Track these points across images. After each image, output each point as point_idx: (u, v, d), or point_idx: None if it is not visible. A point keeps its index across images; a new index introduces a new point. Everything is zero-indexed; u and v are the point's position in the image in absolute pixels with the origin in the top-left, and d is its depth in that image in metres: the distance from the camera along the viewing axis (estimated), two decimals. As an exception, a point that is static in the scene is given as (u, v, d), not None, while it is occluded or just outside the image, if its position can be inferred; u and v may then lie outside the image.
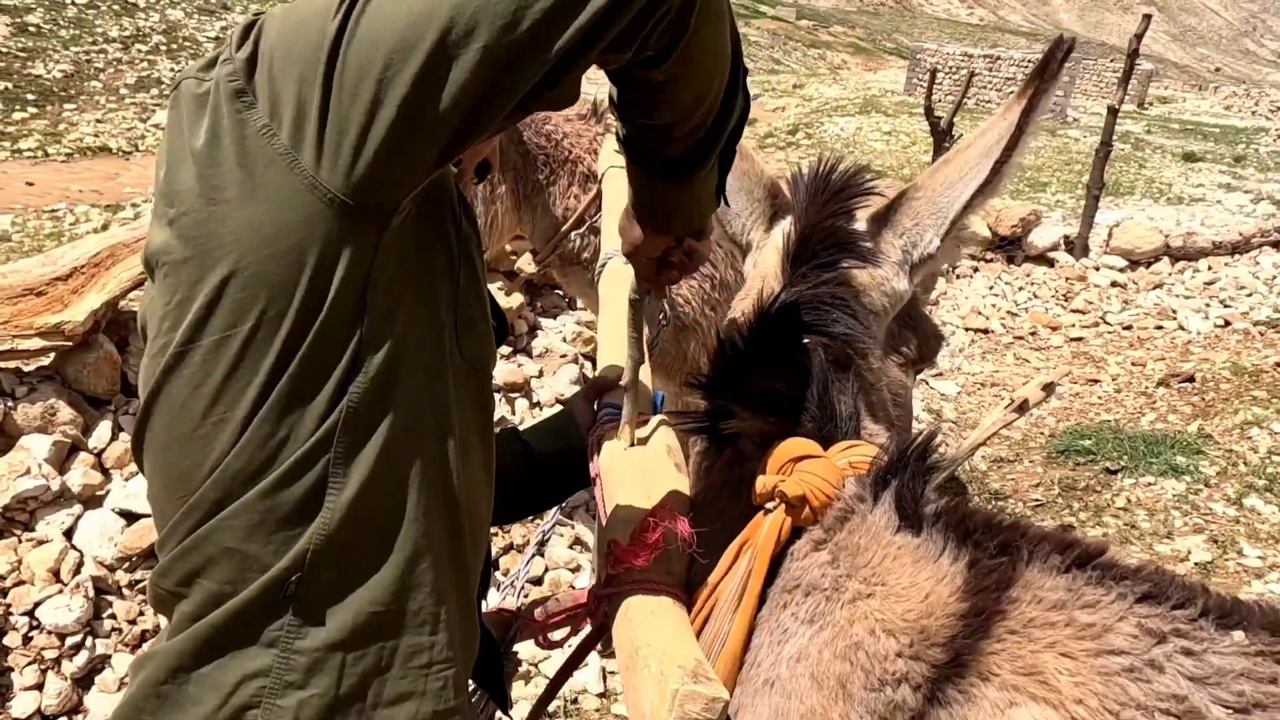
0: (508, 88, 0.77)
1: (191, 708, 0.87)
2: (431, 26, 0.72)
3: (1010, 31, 72.59)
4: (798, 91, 23.90)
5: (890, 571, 0.83)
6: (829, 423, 1.02)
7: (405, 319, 0.88)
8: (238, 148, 0.79)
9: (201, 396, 0.85)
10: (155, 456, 0.91)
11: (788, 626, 0.91)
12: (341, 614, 0.89)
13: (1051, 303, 7.24)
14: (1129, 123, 18.12)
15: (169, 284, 0.85)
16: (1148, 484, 4.43)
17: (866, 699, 0.76)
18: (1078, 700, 0.64)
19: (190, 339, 0.84)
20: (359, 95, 0.75)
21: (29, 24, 16.98)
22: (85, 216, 9.20)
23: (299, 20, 0.80)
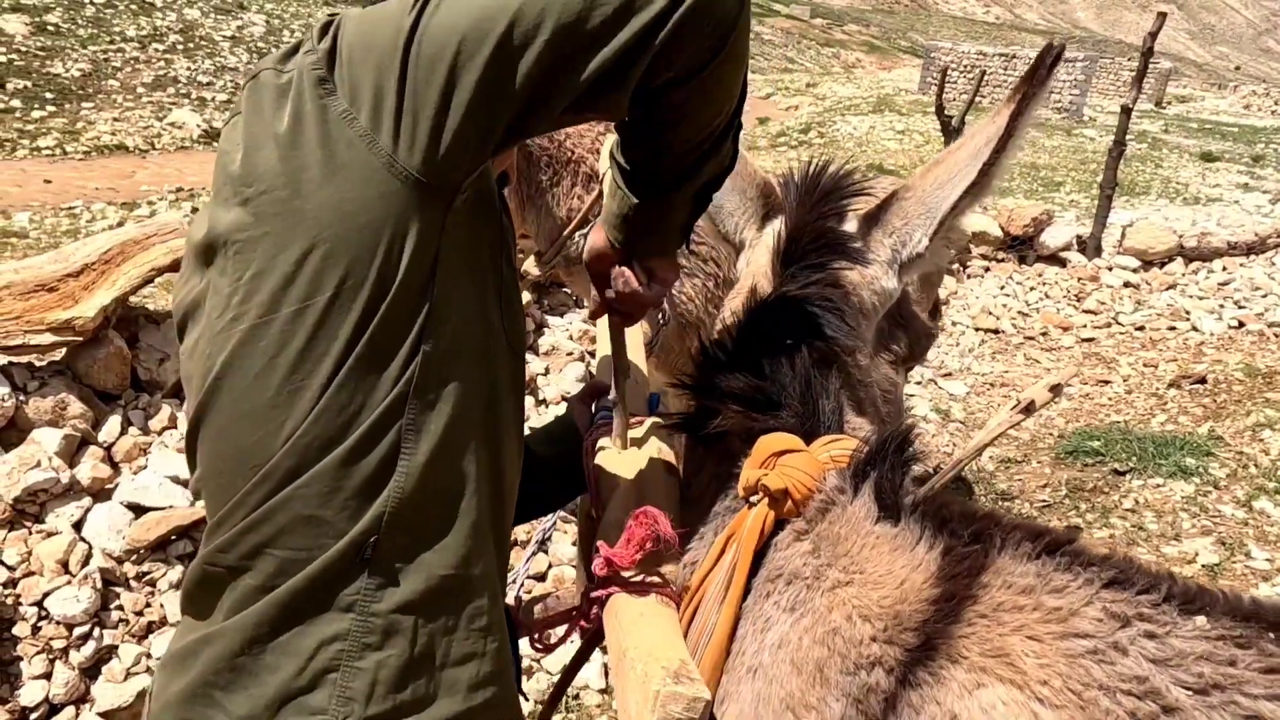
0: (567, 82, 0.84)
1: (269, 676, 0.89)
2: (501, 18, 0.79)
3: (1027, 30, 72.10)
4: (811, 90, 23.86)
5: (868, 560, 0.84)
6: (811, 418, 1.03)
7: (464, 295, 0.94)
8: (320, 131, 0.85)
9: (279, 366, 0.88)
10: (222, 432, 0.92)
11: (770, 615, 0.93)
12: (414, 577, 0.92)
13: (1063, 303, 7.20)
14: (1146, 122, 17.98)
15: (240, 261, 0.89)
16: (1156, 485, 4.40)
17: (842, 682, 0.78)
18: (1042, 681, 0.65)
19: (268, 310, 0.87)
20: (433, 80, 0.82)
21: (48, 23, 17.17)
22: (102, 214, 9.31)
23: (377, 16, 0.87)
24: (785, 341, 1.05)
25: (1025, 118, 1.07)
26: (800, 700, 0.82)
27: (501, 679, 0.99)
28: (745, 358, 1.07)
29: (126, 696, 2.52)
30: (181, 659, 0.96)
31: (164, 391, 3.09)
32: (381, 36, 0.84)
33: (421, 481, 0.92)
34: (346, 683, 0.89)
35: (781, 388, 1.02)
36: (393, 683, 0.90)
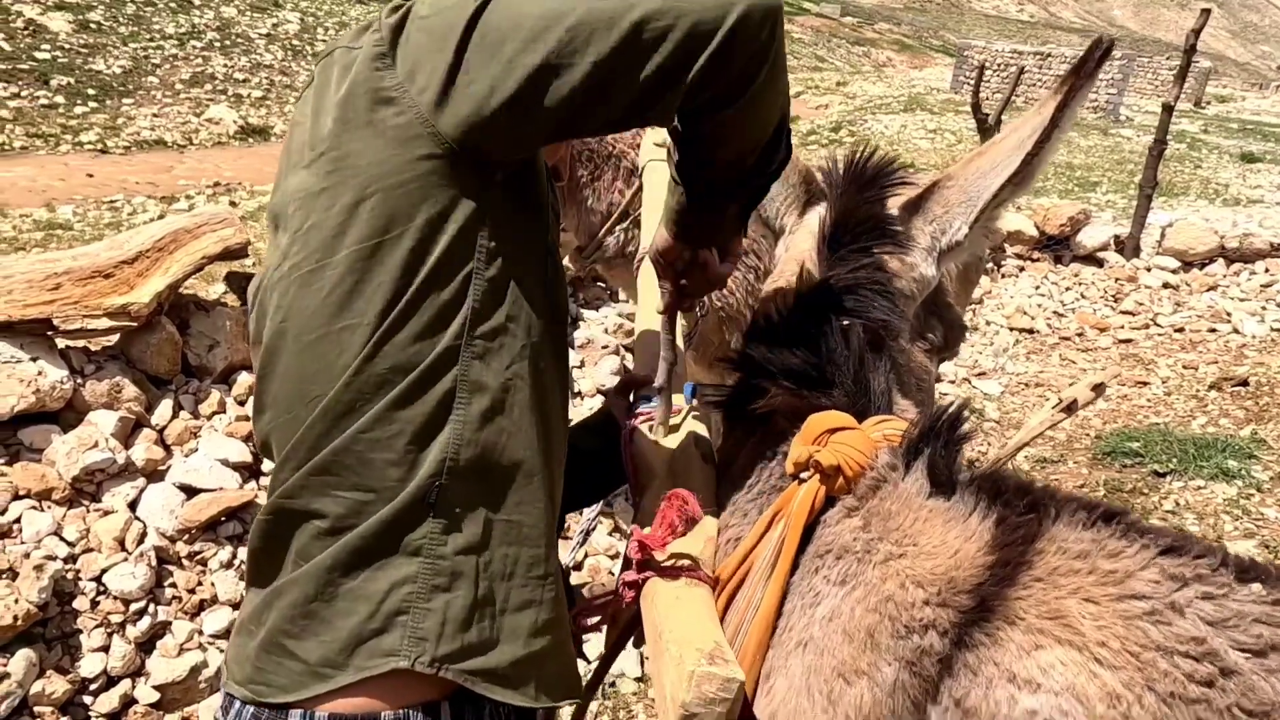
0: (609, 97, 0.89)
1: (341, 621, 0.93)
2: (562, 23, 0.85)
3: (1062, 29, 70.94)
4: (841, 89, 23.69)
5: (921, 533, 0.86)
6: (863, 398, 1.05)
7: (511, 264, 0.99)
8: (370, 98, 0.92)
9: (331, 304, 0.94)
10: (287, 370, 0.98)
11: (820, 589, 0.95)
12: (475, 522, 0.96)
13: (1100, 303, 7.11)
14: (1185, 122, 17.64)
15: (300, 215, 0.97)
16: (1197, 488, 4.35)
17: (894, 646, 0.80)
18: (1100, 643, 0.67)
19: (324, 255, 0.94)
20: (485, 68, 0.87)
21: (90, 21, 17.53)
22: (142, 207, 9.51)
23: (447, 3, 0.92)
24: (838, 321, 1.07)
25: (1071, 110, 1.09)
26: (851, 666, 0.84)
27: (558, 628, 1.02)
28: (796, 336, 1.09)
29: (180, 671, 2.61)
30: (255, 618, 0.99)
31: (213, 377, 3.18)
32: (446, 18, 0.90)
33: (478, 431, 0.96)
34: (417, 624, 0.92)
35: (835, 366, 1.04)
36: (460, 622, 0.94)
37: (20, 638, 2.53)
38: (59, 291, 2.84)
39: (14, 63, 14.82)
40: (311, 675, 0.92)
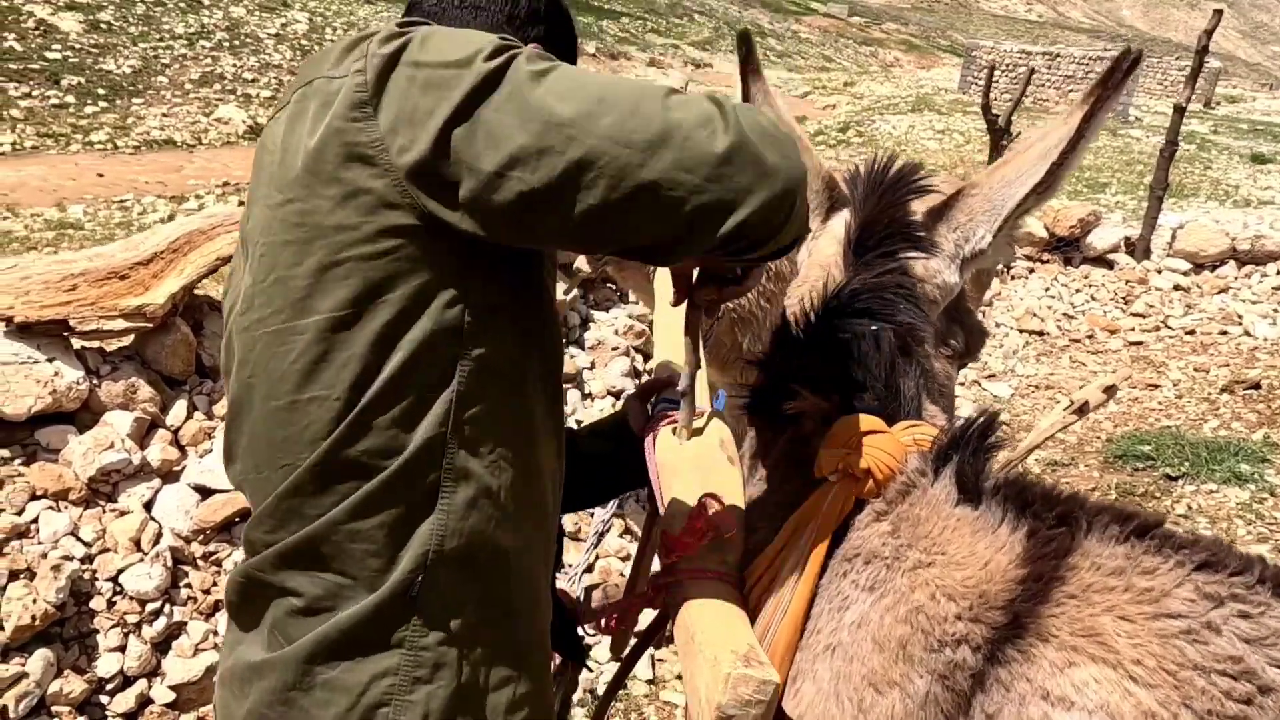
0: (600, 242, 0.85)
1: (319, 711, 0.90)
2: (570, 150, 0.78)
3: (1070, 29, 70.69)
4: (849, 89, 23.67)
5: (950, 541, 0.86)
6: (893, 402, 1.05)
7: (502, 335, 0.93)
8: (344, 152, 0.84)
9: (298, 371, 0.89)
10: (255, 426, 0.94)
11: (848, 594, 0.95)
12: (458, 610, 0.93)
13: (1110, 305, 7.09)
14: (1194, 122, 17.57)
15: (265, 263, 0.91)
16: (1209, 491, 4.33)
17: (927, 659, 0.80)
18: (1136, 660, 0.67)
19: (290, 318, 0.88)
20: (474, 162, 0.80)
21: (101, 21, 17.61)
22: (152, 207, 9.55)
23: (450, 50, 0.83)
24: (869, 325, 1.07)
25: (1097, 121, 1.09)
26: (883, 677, 0.84)
27: (536, 696, 1.00)
28: (825, 340, 1.09)
29: (195, 672, 2.62)
30: (238, 683, 0.97)
31: (226, 379, 3.19)
32: (448, 74, 0.81)
33: (463, 520, 0.92)
34: (397, 716, 0.90)
35: (866, 369, 1.04)
36: (442, 713, 0.91)
37: (38, 638, 2.55)
38: (75, 293, 2.85)
39: (25, 62, 14.90)
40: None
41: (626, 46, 26.15)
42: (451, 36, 0.86)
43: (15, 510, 2.68)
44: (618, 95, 0.79)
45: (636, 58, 25.08)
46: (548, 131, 0.78)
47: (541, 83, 0.80)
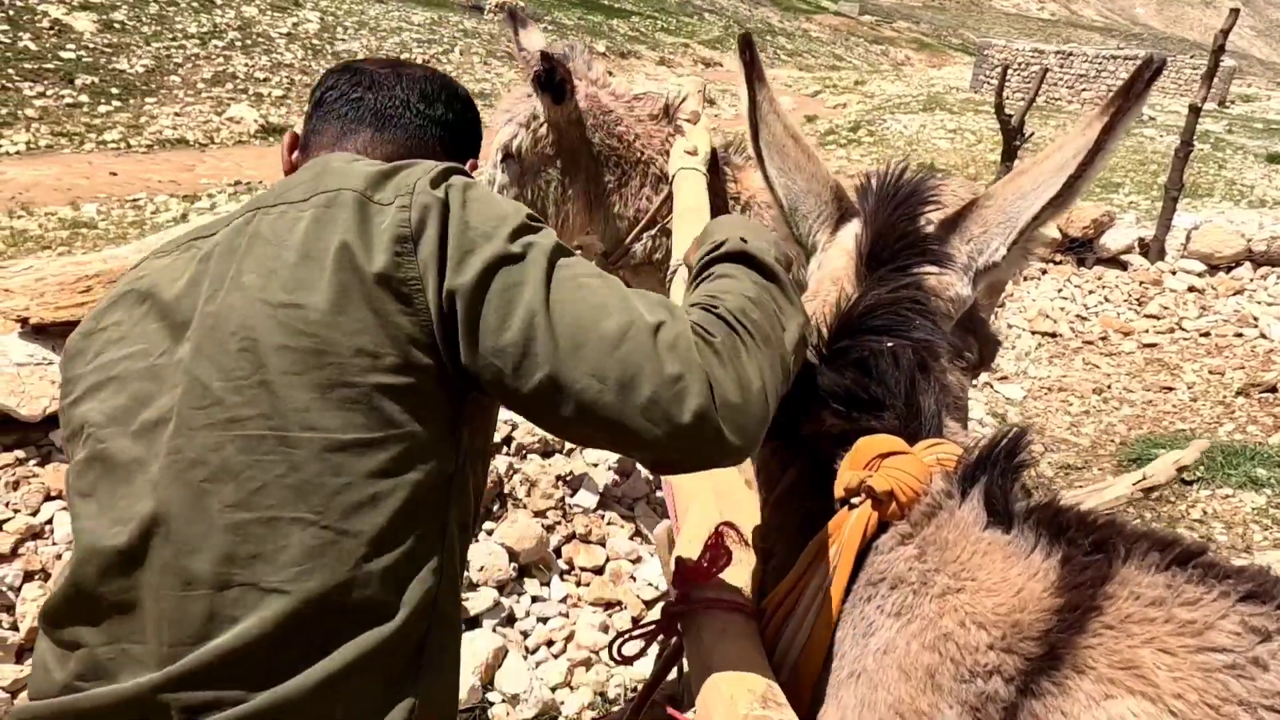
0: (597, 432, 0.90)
1: None
2: (550, 366, 0.86)
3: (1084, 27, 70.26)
4: (859, 88, 23.57)
5: (980, 567, 0.84)
6: (914, 421, 1.03)
7: (469, 479, 1.00)
8: (383, 283, 0.87)
9: (288, 486, 0.84)
10: (200, 535, 0.85)
11: (873, 619, 0.93)
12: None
13: (1124, 307, 7.03)
14: (1209, 122, 17.41)
15: (248, 359, 0.86)
16: (1225, 496, 4.29)
17: (957, 690, 0.78)
18: (1177, 695, 0.65)
19: (280, 427, 0.84)
20: (488, 328, 0.87)
21: (114, 21, 17.70)
22: (164, 206, 9.60)
23: (485, 208, 0.92)
24: (885, 342, 1.05)
25: (1118, 132, 1.06)
26: (910, 706, 0.82)
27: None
28: (842, 357, 1.08)
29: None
30: None
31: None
32: (484, 243, 0.88)
33: (445, 670, 0.96)
34: None
35: (885, 388, 1.02)
36: None
37: (51, 640, 2.55)
38: (89, 294, 2.86)
39: (40, 62, 15.00)
40: None
41: (636, 45, 26.10)
42: (488, 200, 0.94)
43: (30, 511, 2.69)
44: (607, 324, 0.86)
45: (646, 56, 25.03)
46: (533, 340, 0.85)
47: (548, 286, 0.87)
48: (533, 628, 3.34)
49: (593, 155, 2.64)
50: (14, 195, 9.51)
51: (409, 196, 0.89)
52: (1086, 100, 20.78)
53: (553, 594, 3.48)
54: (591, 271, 0.92)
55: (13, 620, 2.54)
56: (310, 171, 0.98)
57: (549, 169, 2.61)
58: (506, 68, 17.46)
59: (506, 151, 2.56)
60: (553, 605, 3.43)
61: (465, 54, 21.67)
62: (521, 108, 2.56)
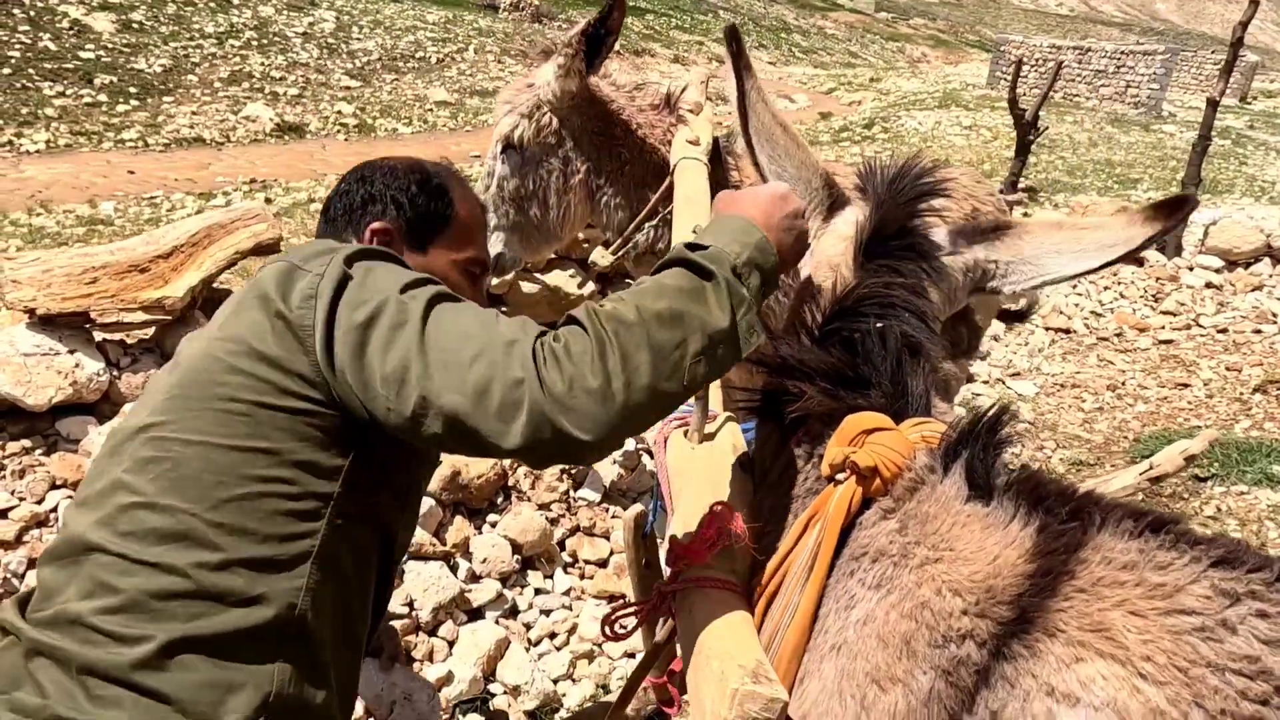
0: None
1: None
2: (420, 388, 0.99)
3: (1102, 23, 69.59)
4: (874, 85, 23.47)
5: (959, 538, 0.84)
6: (900, 399, 1.03)
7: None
8: (278, 323, 1.08)
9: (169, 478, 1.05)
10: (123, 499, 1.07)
11: (855, 593, 0.93)
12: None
13: (1140, 303, 6.96)
14: (1229, 117, 17.21)
15: (178, 375, 1.14)
16: (1240, 493, 4.24)
17: (931, 655, 0.78)
18: (1146, 657, 0.64)
19: (178, 430, 1.08)
20: (385, 361, 1.01)
21: (132, 21, 17.90)
22: (181, 204, 9.70)
23: (389, 278, 1.09)
24: (874, 323, 1.05)
25: (1156, 240, 1.11)
26: (886, 673, 0.82)
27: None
28: (831, 338, 1.07)
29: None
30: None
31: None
32: (366, 297, 1.05)
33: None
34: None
35: (873, 366, 1.02)
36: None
37: (57, 625, 2.58)
38: (96, 285, 2.89)
39: (60, 62, 15.18)
40: None
41: (651, 43, 26.12)
42: (389, 270, 1.11)
43: (35, 499, 2.72)
44: (468, 347, 0.99)
45: (661, 54, 25.04)
46: (408, 368, 0.99)
47: (424, 324, 1.02)
48: (536, 620, 3.34)
49: (595, 145, 2.63)
50: (34, 193, 9.64)
51: (324, 267, 1.08)
52: (1105, 96, 20.58)
53: (556, 586, 3.49)
54: (466, 310, 1.06)
55: (19, 606, 2.56)
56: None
57: (551, 159, 2.60)
58: (520, 66, 17.58)
59: (507, 142, 2.56)
60: (556, 598, 3.44)
61: (479, 52, 21.74)
62: (523, 98, 2.55)
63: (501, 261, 2.69)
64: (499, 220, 2.62)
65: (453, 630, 3.10)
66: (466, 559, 3.29)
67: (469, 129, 15.52)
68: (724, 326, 1.00)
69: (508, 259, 2.69)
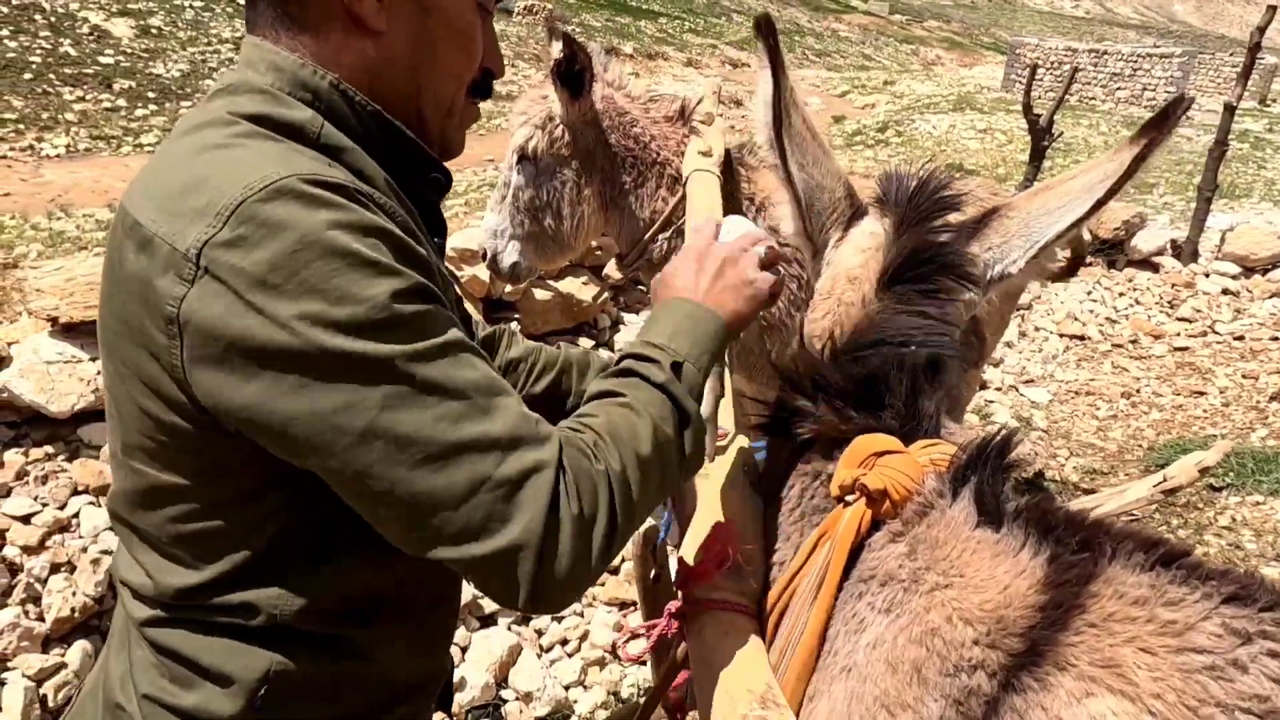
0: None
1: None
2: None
3: (1119, 25, 69.09)
4: (888, 88, 23.37)
5: (969, 564, 0.84)
6: (911, 421, 1.03)
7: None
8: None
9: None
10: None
11: (864, 616, 0.94)
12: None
13: (1155, 310, 6.91)
14: (1248, 120, 17.05)
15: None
16: (1255, 503, 4.20)
17: (941, 683, 0.78)
18: (1155, 695, 0.65)
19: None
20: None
21: (151, 26, 18.07)
22: (198, 208, 9.77)
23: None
24: (894, 345, 1.05)
25: (1148, 162, 1.07)
26: (896, 699, 0.83)
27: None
28: (847, 361, 1.08)
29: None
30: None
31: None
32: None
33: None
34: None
35: (887, 388, 1.02)
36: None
37: (77, 629, 2.62)
38: (117, 294, 2.93)
39: (80, 67, 15.35)
40: None
41: (664, 47, 26.15)
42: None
43: (58, 505, 2.76)
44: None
45: (674, 58, 25.06)
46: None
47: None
48: (547, 626, 3.36)
49: (608, 157, 2.65)
50: (54, 197, 9.74)
51: (189, 263, 0.81)
52: (1121, 99, 20.43)
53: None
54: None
55: (39, 611, 2.60)
56: None
57: (564, 170, 2.62)
58: (534, 70, 17.58)
59: (522, 153, 2.58)
60: (568, 604, 3.45)
61: (493, 57, 21.75)
62: (537, 109, 2.57)
63: (517, 270, 2.71)
64: (515, 229, 2.65)
65: (465, 636, 3.12)
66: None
67: (482, 133, 15.59)
68: (684, 475, 0.97)
69: (523, 268, 2.71)
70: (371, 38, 0.92)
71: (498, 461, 0.76)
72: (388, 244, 0.80)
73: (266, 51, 0.91)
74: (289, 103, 0.88)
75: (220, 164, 0.80)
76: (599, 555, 0.81)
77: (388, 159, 0.94)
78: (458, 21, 0.98)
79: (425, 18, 0.94)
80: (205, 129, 0.86)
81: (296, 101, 0.88)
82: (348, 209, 0.79)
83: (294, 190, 0.76)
